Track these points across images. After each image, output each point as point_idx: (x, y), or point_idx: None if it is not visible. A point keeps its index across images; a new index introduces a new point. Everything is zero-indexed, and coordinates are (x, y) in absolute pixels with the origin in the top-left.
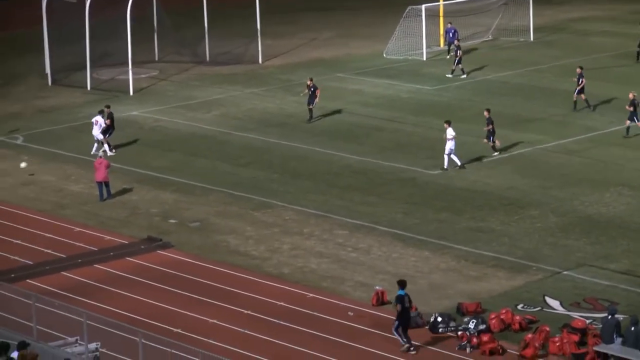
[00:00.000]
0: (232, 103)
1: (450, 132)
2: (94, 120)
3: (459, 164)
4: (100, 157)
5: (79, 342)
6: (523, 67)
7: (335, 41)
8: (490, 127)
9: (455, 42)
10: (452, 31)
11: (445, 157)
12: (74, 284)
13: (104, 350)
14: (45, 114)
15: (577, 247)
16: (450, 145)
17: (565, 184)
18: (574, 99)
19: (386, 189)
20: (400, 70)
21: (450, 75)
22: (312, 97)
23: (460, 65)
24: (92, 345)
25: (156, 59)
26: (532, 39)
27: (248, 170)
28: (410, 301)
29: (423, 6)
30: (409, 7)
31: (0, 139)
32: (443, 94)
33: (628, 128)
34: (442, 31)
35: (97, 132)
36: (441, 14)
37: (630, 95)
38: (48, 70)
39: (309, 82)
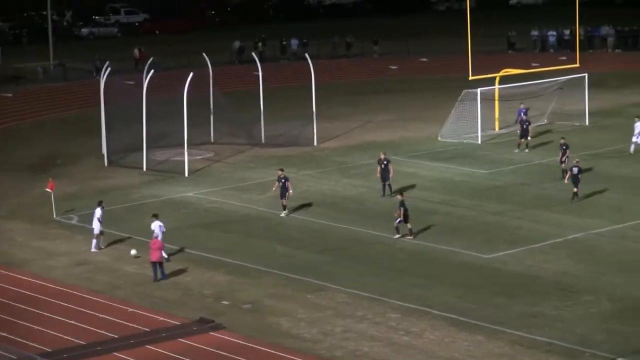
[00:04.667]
0: None
1: (155, 225)
2: (156, 227)
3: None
4: (155, 237)
5: None
6: (578, 152)
7: (390, 124)
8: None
9: (524, 116)
10: (524, 110)
11: None
12: None
13: None
14: (101, 194)
15: (632, 333)
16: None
17: (620, 269)
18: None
19: (440, 273)
20: (454, 154)
21: (517, 151)
22: (284, 189)
23: (528, 140)
24: None
25: (212, 140)
26: (587, 123)
27: (302, 253)
28: None
29: (479, 90)
30: (464, 91)
31: (57, 218)
32: (497, 178)
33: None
34: (497, 114)
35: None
36: (497, 97)
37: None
38: (104, 150)
39: (280, 173)
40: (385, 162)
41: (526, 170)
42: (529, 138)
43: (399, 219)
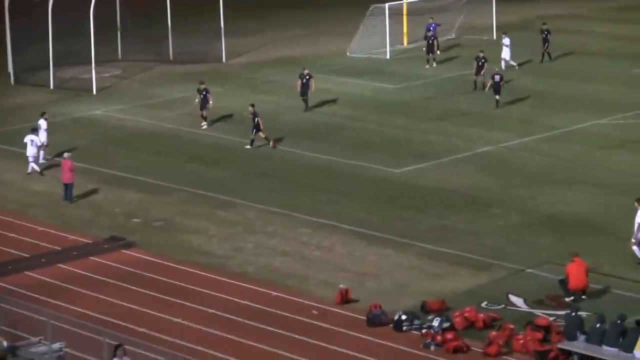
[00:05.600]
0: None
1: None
2: (28, 140)
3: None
4: (65, 157)
5: (42, 342)
6: (486, 65)
7: (300, 39)
8: (256, 120)
9: (432, 32)
10: (434, 25)
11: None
12: (37, 284)
13: (68, 350)
14: (8, 113)
15: (540, 245)
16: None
17: (528, 182)
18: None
19: (349, 188)
20: (364, 69)
21: (428, 66)
22: (204, 100)
23: (435, 55)
24: (56, 345)
25: (119, 57)
26: (495, 37)
27: (212, 170)
28: None
29: (387, 4)
30: (373, 6)
31: None
32: (405, 93)
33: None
34: (405, 29)
35: (31, 153)
36: (405, 12)
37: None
38: (10, 69)
39: (201, 86)
40: (307, 77)
41: (435, 84)
42: (438, 52)
43: (254, 130)
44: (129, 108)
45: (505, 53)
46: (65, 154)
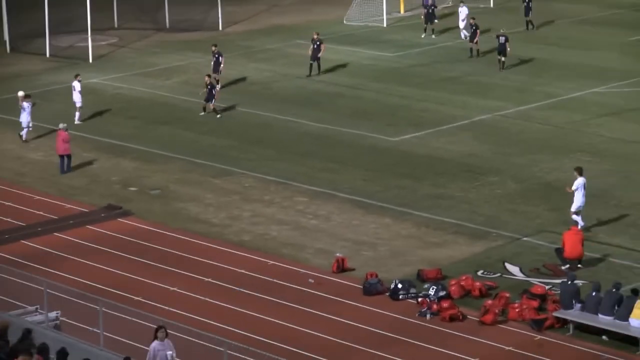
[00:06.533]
0: (193, 70)
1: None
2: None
3: None
4: (60, 128)
5: (38, 310)
6: (483, 34)
7: (296, 7)
8: (213, 91)
9: (429, 2)
10: None
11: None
12: (33, 253)
13: (64, 318)
14: (3, 81)
15: (536, 214)
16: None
17: (524, 150)
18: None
19: (346, 156)
20: (360, 37)
21: (424, 36)
22: (217, 64)
23: (431, 25)
24: (53, 314)
25: (116, 25)
26: (492, 5)
27: (208, 138)
28: None
29: None
30: None
31: None
32: (403, 61)
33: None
34: None
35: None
36: None
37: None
38: (6, 37)
39: (214, 49)
40: (318, 42)
41: (432, 52)
42: (435, 21)
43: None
44: (126, 76)
45: (461, 24)
46: (61, 125)
